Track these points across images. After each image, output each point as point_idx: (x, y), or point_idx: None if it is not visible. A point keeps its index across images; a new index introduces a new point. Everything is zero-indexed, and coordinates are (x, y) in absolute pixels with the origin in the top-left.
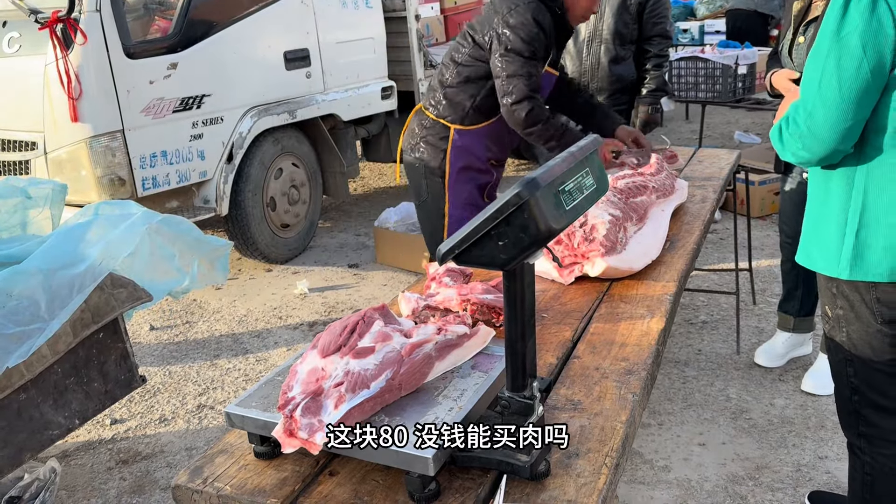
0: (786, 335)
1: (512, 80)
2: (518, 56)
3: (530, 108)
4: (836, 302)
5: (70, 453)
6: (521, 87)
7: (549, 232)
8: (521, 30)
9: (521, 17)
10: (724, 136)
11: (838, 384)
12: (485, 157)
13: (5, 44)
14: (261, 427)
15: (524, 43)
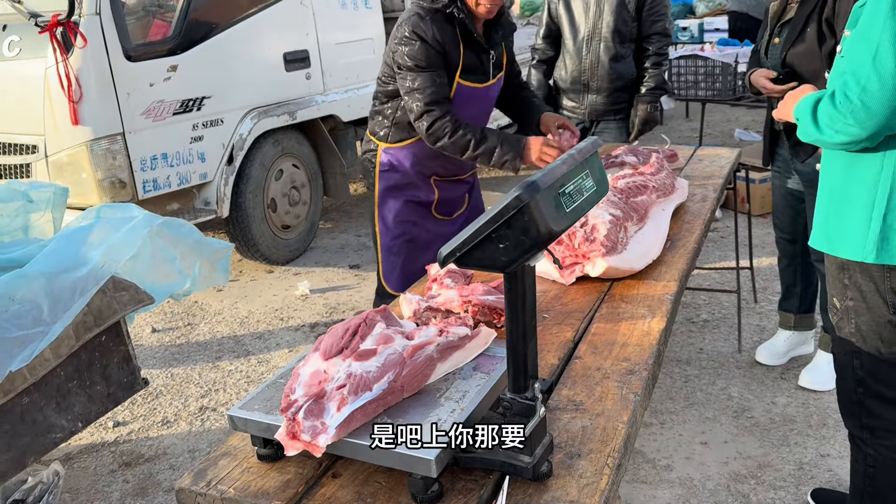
0: (787, 333)
1: (409, 96)
2: (408, 72)
3: (430, 122)
4: (846, 293)
5: (73, 456)
6: (417, 102)
7: (549, 234)
8: (405, 45)
9: (402, 33)
10: (725, 134)
11: (842, 376)
12: (419, 174)
13: (5, 47)
14: (264, 430)
15: (409, 58)
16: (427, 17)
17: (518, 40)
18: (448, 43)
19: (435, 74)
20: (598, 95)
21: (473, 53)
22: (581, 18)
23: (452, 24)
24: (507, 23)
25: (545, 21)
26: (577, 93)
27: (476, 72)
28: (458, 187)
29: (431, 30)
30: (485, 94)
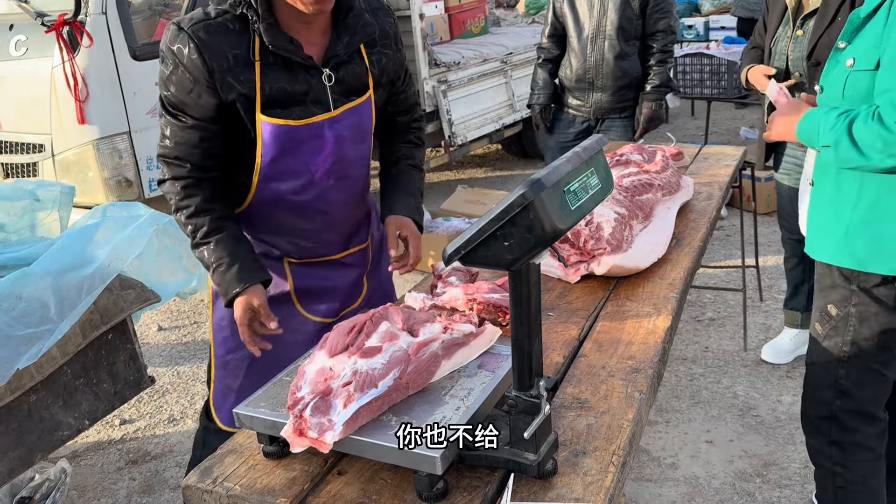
0: (793, 332)
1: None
2: (159, 104)
3: (159, 179)
4: (850, 299)
5: (80, 454)
6: (158, 146)
7: (554, 232)
8: (160, 64)
9: (162, 44)
10: (730, 132)
11: (818, 386)
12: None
13: (12, 47)
14: (270, 427)
15: (160, 85)
16: (196, 23)
17: (522, 39)
18: (226, 66)
19: (183, 124)
20: (603, 93)
21: (287, 73)
22: (585, 16)
23: (247, 30)
24: (360, 23)
25: (550, 20)
26: (582, 91)
27: (295, 103)
28: (337, 273)
29: (189, 49)
30: (316, 136)
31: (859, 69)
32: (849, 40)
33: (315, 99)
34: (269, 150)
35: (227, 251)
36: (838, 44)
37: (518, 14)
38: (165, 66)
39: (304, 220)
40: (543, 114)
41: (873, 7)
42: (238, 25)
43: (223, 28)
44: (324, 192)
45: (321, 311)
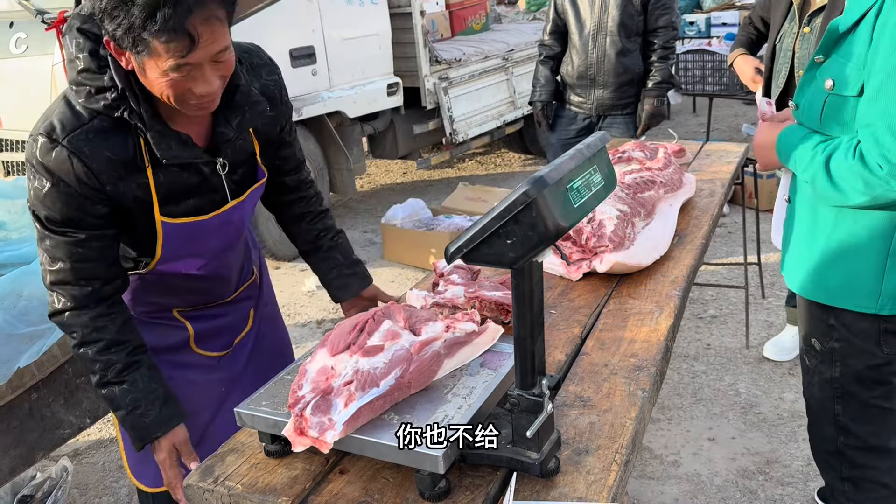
0: (795, 329)
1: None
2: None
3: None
4: (831, 334)
5: (81, 452)
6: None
7: (557, 230)
8: (31, 179)
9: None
10: (732, 128)
11: (819, 423)
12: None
13: (12, 44)
14: (271, 426)
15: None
16: (72, 133)
17: (524, 36)
18: (112, 173)
19: (70, 241)
20: (605, 90)
21: (180, 170)
22: (587, 13)
23: (128, 131)
24: (249, 102)
25: (552, 17)
26: (584, 88)
27: (193, 195)
28: (232, 309)
29: (69, 162)
30: (219, 224)
31: (839, 93)
32: (826, 54)
33: (212, 188)
34: (171, 242)
35: (144, 391)
36: (815, 57)
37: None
38: (39, 183)
39: (197, 284)
40: (545, 111)
41: (854, 20)
42: (117, 127)
43: (102, 132)
44: (220, 264)
45: (216, 347)
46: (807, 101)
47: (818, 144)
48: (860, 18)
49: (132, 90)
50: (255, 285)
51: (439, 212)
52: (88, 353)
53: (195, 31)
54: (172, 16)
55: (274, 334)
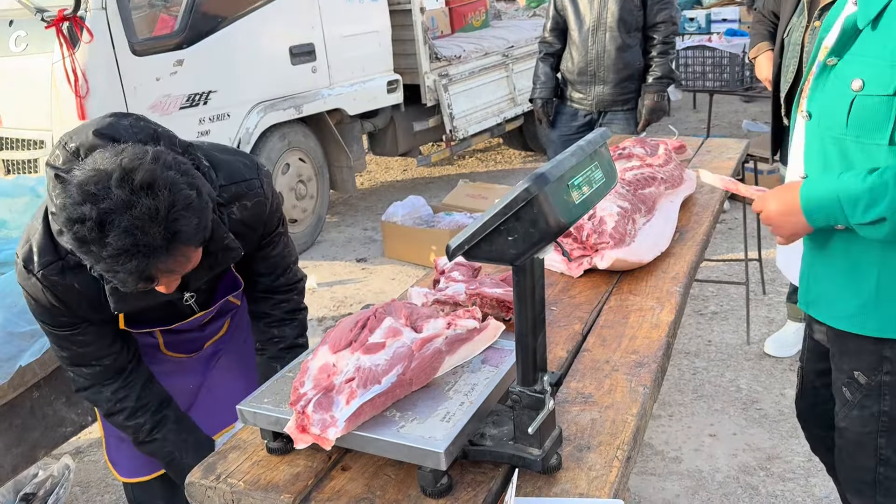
0: (796, 325)
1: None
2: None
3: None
4: (881, 366)
5: (83, 450)
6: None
7: (558, 226)
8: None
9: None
10: (733, 125)
11: (857, 455)
12: None
13: (12, 42)
14: (273, 423)
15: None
16: (47, 267)
17: (524, 32)
18: (87, 302)
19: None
20: (605, 86)
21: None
22: (586, 9)
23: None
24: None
25: (552, 14)
26: (585, 84)
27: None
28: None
29: (42, 294)
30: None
31: (872, 93)
32: (839, 54)
33: (180, 312)
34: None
35: (175, 443)
36: (826, 60)
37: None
38: (26, 296)
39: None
40: (546, 108)
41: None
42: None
43: (73, 269)
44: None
45: (183, 351)
46: (824, 106)
47: (870, 173)
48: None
49: None
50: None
51: (440, 209)
52: (118, 420)
53: (156, 276)
54: (131, 277)
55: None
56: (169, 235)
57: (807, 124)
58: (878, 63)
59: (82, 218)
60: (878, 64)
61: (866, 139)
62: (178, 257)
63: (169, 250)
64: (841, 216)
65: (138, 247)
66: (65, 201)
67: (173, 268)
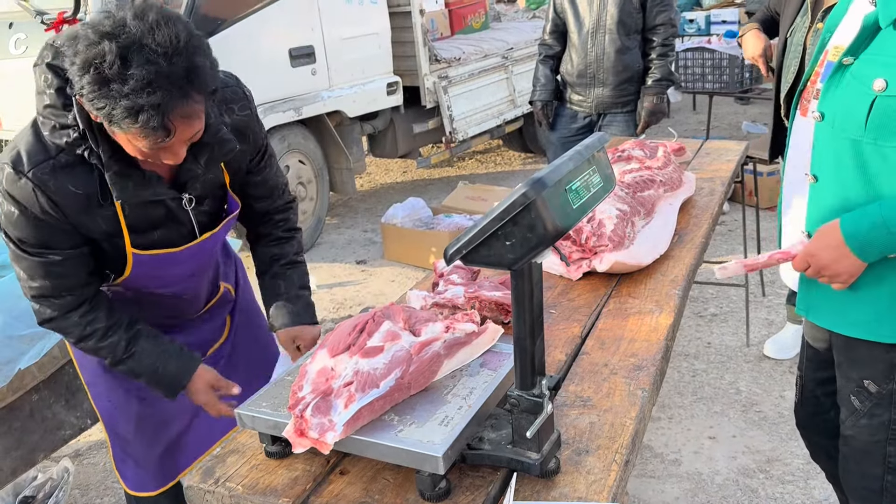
0: (795, 328)
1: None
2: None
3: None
4: (892, 375)
5: (82, 452)
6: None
7: (556, 231)
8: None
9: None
10: (732, 126)
11: (864, 463)
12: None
13: (11, 45)
14: (272, 427)
15: (4, 224)
16: (38, 167)
17: (523, 34)
18: (80, 208)
19: (44, 261)
20: (605, 88)
21: (144, 205)
22: (585, 11)
23: (94, 167)
24: (217, 139)
25: (551, 16)
26: (584, 86)
27: (156, 228)
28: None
29: (35, 196)
30: (189, 256)
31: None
32: (855, 54)
33: (179, 222)
34: (140, 269)
35: (154, 354)
36: (842, 59)
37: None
38: (8, 209)
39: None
40: (545, 110)
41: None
42: (82, 162)
43: (67, 167)
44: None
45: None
46: (839, 107)
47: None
48: None
49: (93, 133)
50: (226, 297)
51: (439, 211)
52: (91, 344)
53: (172, 126)
54: (154, 117)
55: (253, 343)
56: (189, 66)
57: (818, 125)
58: None
59: (102, 54)
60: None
61: (885, 142)
62: (194, 104)
63: (188, 88)
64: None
65: (161, 77)
66: (76, 48)
67: (189, 113)
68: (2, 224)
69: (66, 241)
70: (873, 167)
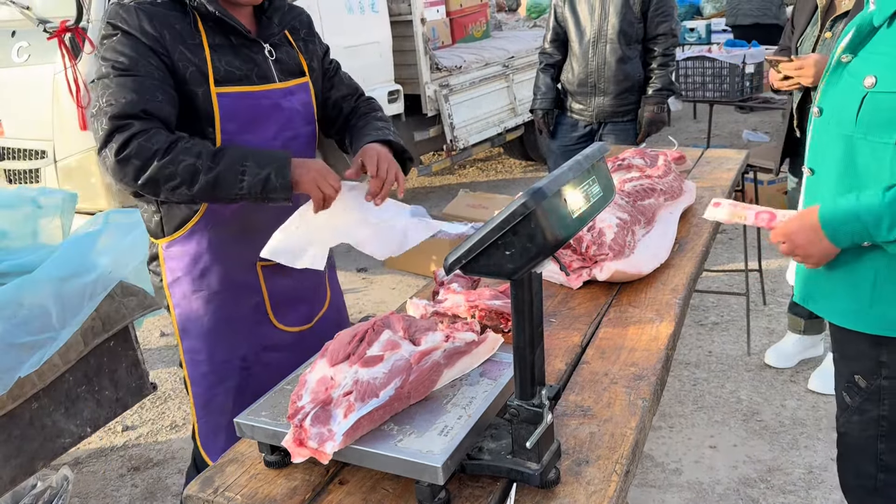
0: (796, 337)
1: (95, 119)
2: (101, 81)
3: (120, 144)
4: (880, 371)
5: (82, 461)
6: (102, 120)
7: (556, 241)
8: (102, 48)
9: (100, 35)
10: (733, 134)
11: (857, 461)
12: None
13: (14, 53)
14: (271, 436)
15: (105, 61)
16: (133, 4)
17: (524, 43)
18: (175, 38)
19: (139, 79)
20: (606, 97)
21: (231, 50)
22: (586, 21)
23: (184, 10)
24: (286, 6)
25: (552, 25)
26: (585, 95)
27: (244, 78)
28: (303, 275)
29: (138, 18)
30: (272, 105)
31: (884, 90)
32: (854, 52)
33: (261, 75)
34: (228, 125)
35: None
36: (841, 56)
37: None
38: (109, 38)
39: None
40: (546, 118)
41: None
42: (177, 6)
43: (165, 7)
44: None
45: (294, 320)
46: (834, 102)
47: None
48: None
49: None
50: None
51: (440, 218)
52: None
53: None
54: None
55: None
56: None
57: (816, 120)
58: (893, 61)
59: None
60: (892, 62)
61: (874, 137)
62: None
63: None
64: (866, 234)
65: None
66: None
67: None
68: (101, 63)
69: (156, 69)
70: (862, 161)
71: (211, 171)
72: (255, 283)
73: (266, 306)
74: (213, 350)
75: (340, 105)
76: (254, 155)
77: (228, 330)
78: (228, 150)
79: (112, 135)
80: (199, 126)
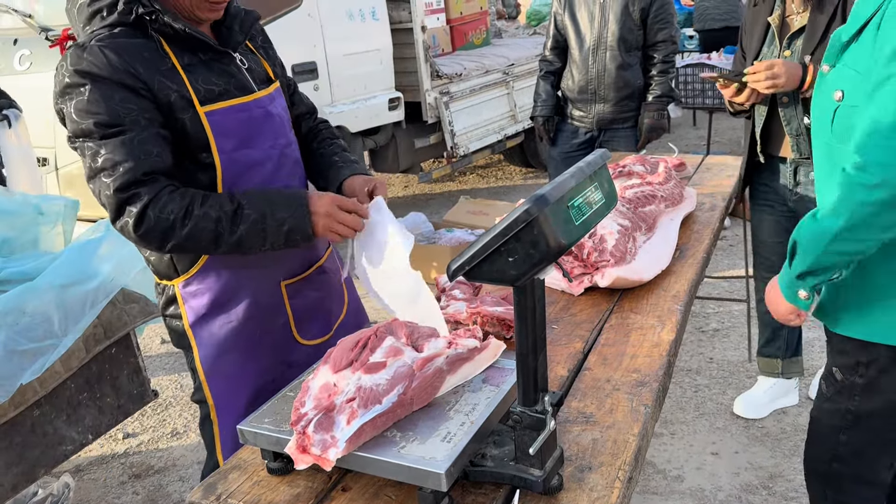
0: (770, 382)
1: (93, 183)
2: (86, 140)
3: (139, 215)
4: (858, 370)
5: (83, 468)
6: (107, 191)
7: (558, 248)
8: (69, 99)
9: (59, 82)
10: (732, 141)
11: (819, 444)
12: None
13: (16, 61)
14: (273, 443)
15: (80, 117)
16: (100, 37)
17: (524, 50)
18: (148, 67)
19: (129, 136)
20: (606, 104)
21: (204, 67)
22: (586, 28)
23: (146, 34)
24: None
25: (552, 33)
26: (585, 102)
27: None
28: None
29: (105, 57)
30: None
31: (849, 104)
32: (833, 63)
33: (240, 86)
34: (224, 143)
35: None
36: (822, 66)
37: (519, 25)
38: (79, 94)
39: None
40: (547, 125)
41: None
42: (138, 33)
43: (127, 37)
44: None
45: (315, 333)
46: (819, 111)
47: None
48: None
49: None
50: (334, 258)
51: (441, 225)
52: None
53: None
54: None
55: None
56: None
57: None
58: (855, 76)
59: None
60: (855, 77)
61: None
62: None
63: None
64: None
65: None
66: None
67: None
68: (74, 124)
69: (139, 112)
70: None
71: (234, 234)
72: (280, 303)
73: (290, 323)
74: (245, 385)
75: (299, 123)
76: (270, 205)
77: (259, 356)
78: (245, 208)
79: (122, 208)
80: (193, 154)
